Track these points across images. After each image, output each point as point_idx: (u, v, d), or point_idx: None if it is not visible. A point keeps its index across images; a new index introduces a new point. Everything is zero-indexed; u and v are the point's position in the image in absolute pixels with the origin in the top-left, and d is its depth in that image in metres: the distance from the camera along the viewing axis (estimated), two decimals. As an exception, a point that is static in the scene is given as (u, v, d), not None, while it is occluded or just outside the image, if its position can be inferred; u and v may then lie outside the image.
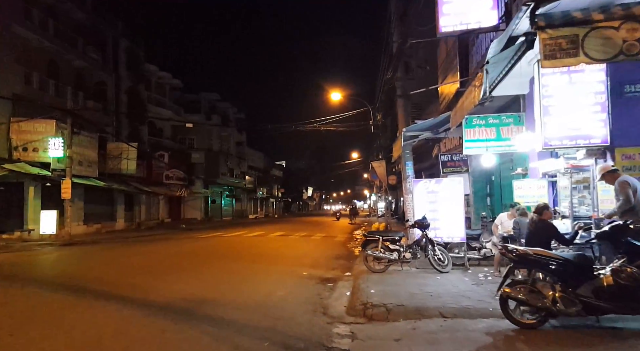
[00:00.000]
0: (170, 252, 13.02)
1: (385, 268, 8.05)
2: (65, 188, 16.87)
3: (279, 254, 12.18)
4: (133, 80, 29.01)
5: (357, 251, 13.53)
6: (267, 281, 7.89)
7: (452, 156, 11.81)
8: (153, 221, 29.61)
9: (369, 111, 22.68)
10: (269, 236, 19.08)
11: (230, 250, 13.31)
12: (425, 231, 8.11)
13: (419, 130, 9.78)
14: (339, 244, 15.55)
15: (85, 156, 20.59)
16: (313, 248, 14.03)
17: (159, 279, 7.98)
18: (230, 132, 43.50)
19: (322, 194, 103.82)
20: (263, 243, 15.64)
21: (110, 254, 12.79)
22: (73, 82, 23.39)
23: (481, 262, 8.79)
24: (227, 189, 42.29)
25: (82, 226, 21.26)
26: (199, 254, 12.17)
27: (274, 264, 10.07)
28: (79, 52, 23.55)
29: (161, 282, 7.68)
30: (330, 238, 18.36)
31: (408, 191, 11.33)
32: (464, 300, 5.61)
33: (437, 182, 8.95)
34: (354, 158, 53.40)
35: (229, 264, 10.01)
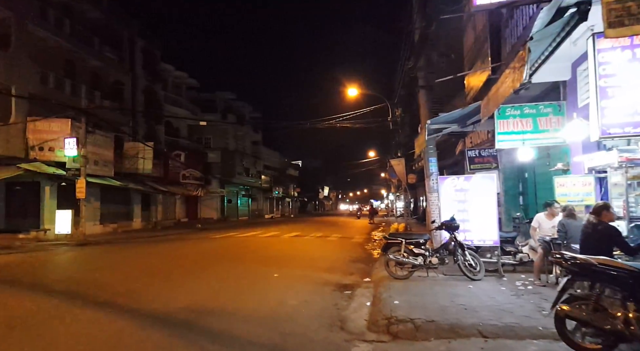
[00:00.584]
0: (181, 253, 12.52)
1: (409, 274, 7.29)
2: (79, 188, 16.62)
3: (293, 257, 11.52)
4: (149, 79, 28.88)
5: (376, 253, 12.78)
6: (279, 287, 7.23)
7: (480, 151, 10.93)
8: (169, 220, 29.43)
9: (387, 107, 21.86)
10: (283, 236, 18.48)
11: (242, 252, 12.74)
12: (454, 233, 7.32)
13: (444, 122, 8.98)
14: (357, 246, 14.82)
15: (101, 156, 20.39)
16: (329, 250, 13.34)
17: (164, 284, 7.42)
18: (246, 132, 43.20)
19: (338, 193, 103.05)
20: (277, 244, 15.03)
21: (120, 255, 12.38)
22: (89, 82, 23.31)
23: (516, 268, 7.93)
24: (243, 189, 42.00)
25: (98, 225, 21.09)
26: (209, 256, 11.62)
27: (287, 267, 9.41)
28: (95, 51, 23.44)
29: (165, 287, 7.12)
30: (347, 239, 17.64)
31: (432, 189, 10.53)
32: (506, 316, 4.83)
33: (466, 179, 8.13)
34: (370, 157, 52.45)
35: (238, 267, 9.40)
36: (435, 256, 7.25)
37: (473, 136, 12.67)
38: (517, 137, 7.88)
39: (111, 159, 21.30)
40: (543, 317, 4.69)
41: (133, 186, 22.80)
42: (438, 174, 10.62)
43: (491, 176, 8.13)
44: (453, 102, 14.51)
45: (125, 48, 26.72)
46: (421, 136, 9.48)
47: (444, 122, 8.94)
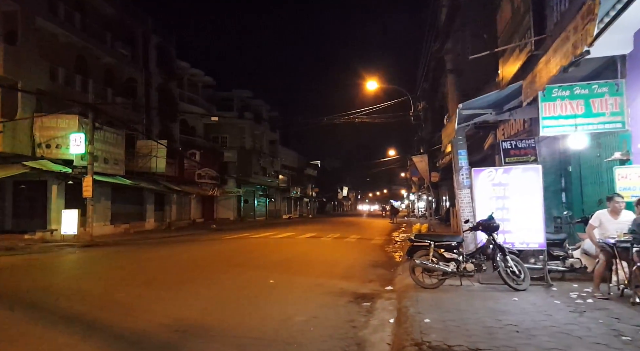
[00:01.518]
0: (186, 257, 11.67)
1: (439, 283, 6.18)
2: (86, 186, 16.05)
3: (306, 261, 10.50)
4: (164, 77, 28.42)
5: (397, 256, 11.67)
6: (287, 299, 6.22)
7: (517, 142, 9.67)
8: (184, 221, 28.87)
9: (409, 102, 20.69)
10: (298, 237, 17.49)
11: (251, 255, 11.79)
12: (493, 234, 6.17)
13: (478, 108, 7.82)
14: (376, 248, 13.71)
15: (112, 154, 19.85)
16: (346, 253, 12.28)
17: (154, 295, 6.50)
18: (263, 131, 42.50)
19: (357, 194, 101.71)
20: (290, 246, 14.05)
21: (121, 259, 11.60)
22: (102, 79, 22.92)
23: (565, 275, 6.73)
24: (260, 189, 41.29)
25: (108, 226, 20.58)
26: (215, 260, 10.70)
27: (299, 274, 8.40)
28: (107, 48, 23.01)
29: (154, 299, 6.19)
30: (366, 241, 16.53)
31: (462, 185, 9.34)
32: (574, 343, 3.69)
33: (505, 171, 6.95)
34: (391, 156, 51.07)
35: (244, 273, 8.43)
36: (471, 261, 6.11)
37: (506, 127, 11.40)
38: (567, 122, 6.66)
39: (122, 157, 20.76)
40: (625, 345, 3.54)
41: (145, 185, 22.24)
42: (469, 168, 9.45)
43: (535, 167, 6.94)
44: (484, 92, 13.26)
45: (139, 45, 26.28)
46: (450, 125, 8.34)
47: (478, 108, 7.77)
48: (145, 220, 24.06)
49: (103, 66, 23.20)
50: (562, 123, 6.70)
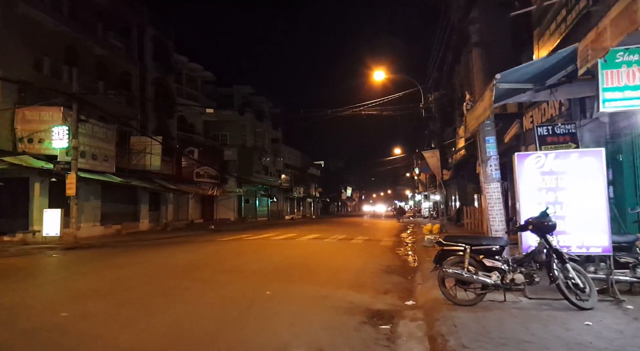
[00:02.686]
0: (173, 261, 10.33)
1: (478, 299, 4.80)
2: (70, 183, 14.78)
3: (309, 265, 9.12)
4: (161, 71, 27.18)
5: (412, 260, 10.29)
6: (281, 318, 4.86)
7: (554, 127, 8.28)
8: (182, 221, 27.59)
9: (419, 93, 19.31)
10: (300, 239, 16.11)
11: (246, 258, 10.43)
12: (547, 236, 4.78)
13: (516, 82, 6.41)
14: (387, 251, 12.33)
15: (101, 149, 18.58)
16: (354, 256, 10.91)
17: (111, 313, 5.14)
18: (265, 128, 41.22)
19: (361, 194, 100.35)
20: (291, 249, 12.67)
21: (98, 263, 10.27)
22: (94, 71, 21.71)
23: (634, 287, 5.33)
24: (261, 188, 39.98)
25: (98, 227, 19.31)
26: (203, 266, 9.32)
27: (299, 282, 7.04)
28: (99, 38, 21.79)
29: (108, 321, 4.78)
30: (374, 242, 15.15)
31: (490, 178, 7.96)
32: None
33: (558, 156, 5.57)
34: (396, 154, 49.63)
35: (234, 283, 7.07)
36: (520, 271, 4.72)
37: (535, 114, 10.00)
38: (636, 93, 5.29)
39: (113, 153, 19.49)
40: None
41: (138, 183, 20.96)
42: (497, 158, 8.09)
43: (596, 152, 5.55)
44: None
45: (134, 36, 25.05)
46: (480, 105, 6.95)
47: (516, 82, 6.35)
48: (139, 221, 22.78)
49: (95, 57, 21.97)
50: (629, 95, 5.31)
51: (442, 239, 5.12)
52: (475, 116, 7.34)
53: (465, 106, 12.51)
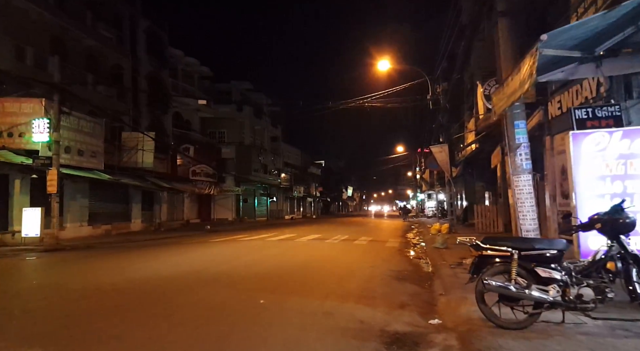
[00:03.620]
0: (153, 265, 9.22)
1: (530, 321, 3.68)
2: (50, 180, 13.68)
3: (308, 272, 7.98)
4: (154, 64, 26.08)
5: (423, 263, 9.19)
6: (271, 346, 3.74)
7: (594, 110, 7.15)
8: (177, 221, 26.49)
9: (425, 86, 18.20)
10: (299, 240, 14.97)
11: (236, 264, 9.29)
12: (622, 238, 3.66)
13: (561, 48, 5.28)
14: (394, 253, 11.22)
15: (88, 145, 17.49)
16: (359, 259, 9.79)
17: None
18: (264, 126, 40.11)
19: (362, 194, 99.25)
20: (287, 252, 11.54)
21: (66, 269, 9.18)
22: (83, 64, 20.64)
23: None
24: (260, 188, 38.86)
25: (85, 227, 18.21)
26: (186, 273, 8.17)
27: (296, 293, 5.92)
28: (88, 29, 20.70)
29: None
30: (380, 244, 14.04)
31: (519, 168, 6.88)
32: None
33: (628, 135, 4.44)
34: (399, 152, 48.50)
35: (216, 295, 5.93)
36: (587, 283, 3.59)
37: (564, 97, 8.87)
38: None
39: (101, 149, 18.39)
40: None
41: (128, 181, 19.85)
42: (528, 145, 7.00)
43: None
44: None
45: (126, 28, 23.95)
46: (512, 82, 5.81)
47: (562, 48, 5.20)
48: (130, 221, 21.68)
49: (84, 49, 20.88)
50: None
51: (479, 241, 3.98)
52: (507, 93, 6.20)
53: (483, 91, 11.40)
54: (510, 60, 6.95)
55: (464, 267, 7.49)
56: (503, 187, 16.41)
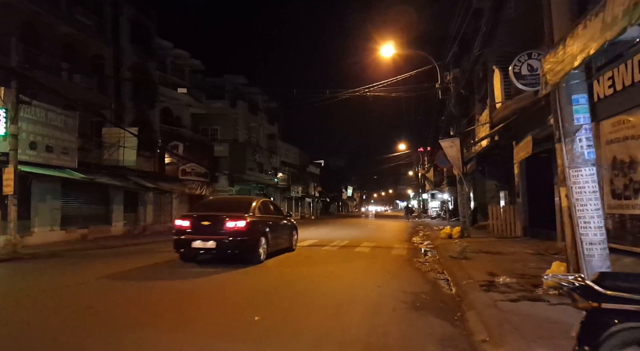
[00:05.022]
0: (90, 290, 7.44)
1: None
2: (6, 180, 11.93)
3: (294, 297, 6.08)
4: (140, 56, 24.29)
5: (441, 279, 7.44)
6: None
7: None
8: (164, 224, 24.68)
9: (432, 77, 16.45)
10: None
11: (200, 282, 7.50)
12: None
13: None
14: (403, 264, 9.46)
15: (58, 140, 15.73)
16: (362, 275, 8.01)
17: None
18: (260, 123, 38.33)
19: (362, 194, 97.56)
20: (279, 265, 9.75)
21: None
22: (60, 53, 18.89)
23: None
24: (256, 187, 37.08)
25: (57, 231, 16.42)
26: (133, 299, 6.45)
27: (268, 341, 4.13)
28: (63, 14, 18.93)
29: None
30: (385, 251, 12.28)
31: (580, 160, 5.11)
32: None
33: None
34: (400, 150, 46.75)
35: (159, 338, 4.16)
36: None
37: (618, 72, 7.09)
38: None
39: (74, 145, 16.62)
40: None
41: (106, 180, 18.07)
42: (591, 127, 5.24)
43: None
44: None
45: (107, 15, 22.17)
46: (581, 34, 4.06)
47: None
48: (111, 224, 19.89)
49: (60, 36, 19.08)
50: None
51: (594, 283, 2.17)
52: (571, 53, 4.43)
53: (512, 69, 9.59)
54: (567, 19, 5.19)
55: (501, 290, 5.72)
56: (521, 185, 14.65)
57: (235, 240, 8.67)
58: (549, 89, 5.17)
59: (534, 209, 14.30)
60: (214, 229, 8.82)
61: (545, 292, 5.47)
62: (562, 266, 5.49)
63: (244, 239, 8.75)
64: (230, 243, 8.68)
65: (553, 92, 5.53)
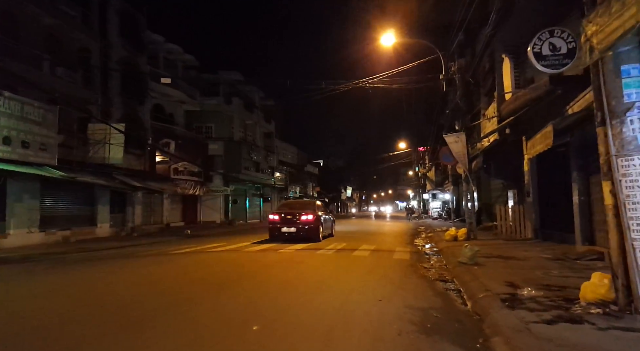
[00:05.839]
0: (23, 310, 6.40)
1: None
2: (-28, 177, 10.89)
3: (277, 316, 4.98)
4: (129, 50, 23.26)
5: (452, 289, 6.45)
6: None
7: None
8: (155, 225, 23.71)
9: (436, 68, 15.45)
10: (284, 250, 12.10)
11: (172, 299, 6.44)
12: None
13: None
14: (408, 271, 8.44)
15: (36, 136, 14.71)
16: (359, 285, 6.98)
17: None
18: (256, 121, 37.30)
19: (362, 194, 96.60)
20: (264, 270, 8.70)
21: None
22: (43, 45, 17.87)
23: None
24: (252, 187, 36.08)
25: (36, 233, 15.39)
26: (86, 323, 5.42)
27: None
28: (45, 4, 17.90)
29: None
30: (385, 255, 11.26)
31: (632, 147, 4.14)
32: None
33: None
34: (400, 149, 45.74)
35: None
36: None
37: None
38: None
39: (54, 141, 15.58)
40: None
41: (89, 179, 17.04)
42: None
43: None
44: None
45: (94, 6, 21.15)
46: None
47: None
48: (96, 225, 18.87)
49: (44, 28, 18.08)
50: None
51: None
52: (629, 6, 3.42)
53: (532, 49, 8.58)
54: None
55: (529, 307, 4.70)
56: (532, 184, 13.64)
57: (306, 227, 14.13)
58: (596, 57, 4.13)
59: (545, 210, 13.30)
60: (294, 221, 14.24)
61: (585, 310, 4.45)
62: (606, 278, 4.47)
63: (311, 227, 14.18)
64: (303, 228, 14.12)
65: (594, 64, 4.53)
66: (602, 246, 9.11)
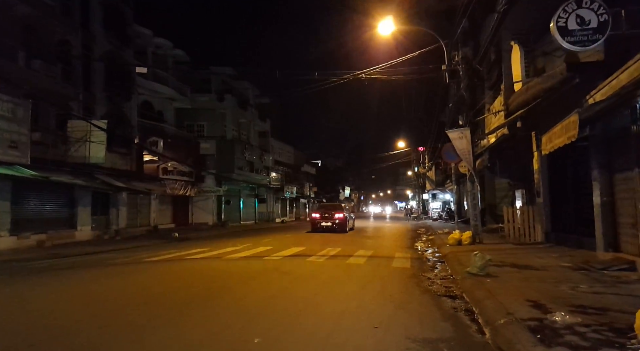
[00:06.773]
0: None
1: None
2: None
3: None
4: (114, 43, 22.08)
5: (462, 309, 5.35)
6: None
7: None
8: (141, 227, 22.53)
9: (438, 60, 14.37)
10: (271, 257, 10.92)
11: (102, 333, 5.28)
12: None
13: None
14: (408, 283, 7.34)
15: (5, 132, 13.54)
16: (352, 305, 5.85)
17: None
18: (251, 119, 36.14)
19: (360, 194, 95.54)
20: (240, 287, 7.50)
21: None
22: (19, 37, 16.70)
23: None
24: (247, 188, 34.93)
25: (6, 237, 14.21)
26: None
27: None
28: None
29: None
30: (384, 262, 10.16)
31: None
32: None
33: None
34: (399, 148, 44.67)
35: None
36: None
37: None
38: None
39: (26, 138, 14.40)
40: None
41: (65, 179, 15.87)
42: None
43: None
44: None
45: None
46: None
47: None
48: (76, 228, 17.71)
49: (19, 18, 16.89)
50: None
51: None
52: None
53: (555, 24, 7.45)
54: None
55: (569, 342, 3.59)
56: (542, 183, 12.55)
57: (337, 222, 20.29)
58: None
59: (557, 211, 12.23)
60: (329, 217, 20.50)
61: (647, 349, 3.34)
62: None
63: (342, 222, 20.35)
64: (336, 223, 20.28)
65: None
66: (630, 254, 8.02)
